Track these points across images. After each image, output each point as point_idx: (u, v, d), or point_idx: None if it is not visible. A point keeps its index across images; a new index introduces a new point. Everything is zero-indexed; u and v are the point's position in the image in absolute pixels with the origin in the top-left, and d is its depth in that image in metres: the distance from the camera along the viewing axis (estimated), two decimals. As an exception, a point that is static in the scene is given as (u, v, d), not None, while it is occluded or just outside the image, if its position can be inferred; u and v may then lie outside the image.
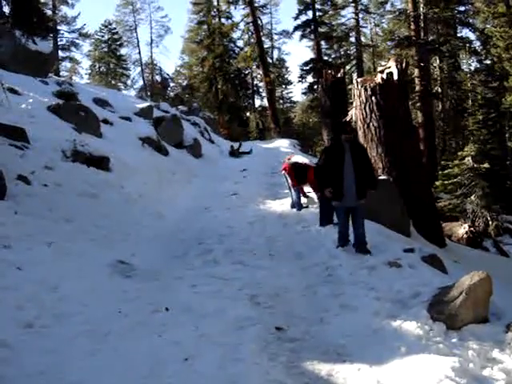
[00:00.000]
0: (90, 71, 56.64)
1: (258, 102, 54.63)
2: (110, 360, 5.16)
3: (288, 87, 57.12)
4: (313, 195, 13.39)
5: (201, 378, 4.69)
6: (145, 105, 25.54)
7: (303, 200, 13.38)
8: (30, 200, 9.70)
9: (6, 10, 13.79)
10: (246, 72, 52.07)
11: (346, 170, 8.69)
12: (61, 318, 6.08)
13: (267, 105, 45.61)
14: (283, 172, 13.34)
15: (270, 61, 50.18)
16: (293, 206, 13.20)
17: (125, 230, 10.13)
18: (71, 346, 5.49)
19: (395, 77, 13.77)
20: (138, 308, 6.61)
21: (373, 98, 13.62)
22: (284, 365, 5.15)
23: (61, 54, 46.12)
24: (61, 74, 42.35)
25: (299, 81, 47.93)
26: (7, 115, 13.72)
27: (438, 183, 21.69)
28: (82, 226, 9.72)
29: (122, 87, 54.69)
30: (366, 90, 13.77)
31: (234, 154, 27.20)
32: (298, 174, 12.95)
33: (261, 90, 52.41)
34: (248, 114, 53.28)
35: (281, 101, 55.68)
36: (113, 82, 53.82)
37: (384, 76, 13.79)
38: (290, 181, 13.23)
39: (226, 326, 5.97)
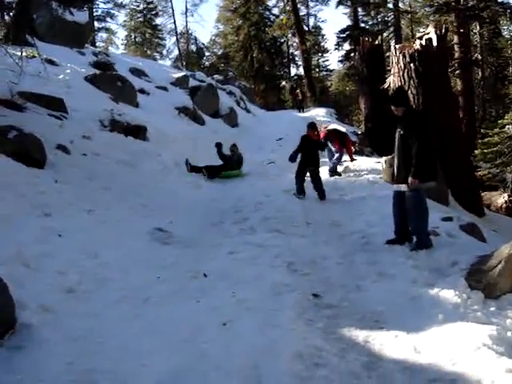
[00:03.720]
0: (125, 41, 56.77)
1: (293, 71, 54.18)
2: (150, 325, 5.24)
3: (324, 55, 56.29)
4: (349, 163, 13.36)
5: (239, 343, 4.72)
6: (180, 74, 25.52)
7: (339, 168, 13.34)
8: (70, 169, 9.83)
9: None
10: (282, 40, 51.57)
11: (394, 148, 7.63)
12: (101, 284, 6.21)
13: (303, 73, 45.14)
14: (322, 140, 13.24)
15: (306, 28, 49.35)
16: (331, 175, 13.15)
17: (162, 199, 10.21)
18: (112, 310, 5.59)
19: (434, 43, 13.49)
20: (176, 274, 6.67)
21: (411, 64, 13.39)
22: (321, 330, 5.15)
23: (96, 24, 46.18)
24: (97, 44, 42.64)
25: (336, 48, 47.49)
26: (46, 86, 13.86)
27: (477, 152, 21.20)
28: (120, 195, 9.83)
29: (158, 57, 54.67)
30: (404, 56, 13.53)
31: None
32: (339, 140, 12.99)
33: (297, 58, 52.03)
34: (284, 82, 52.86)
35: (317, 69, 54.97)
36: (148, 51, 53.80)
37: (423, 42, 13.53)
38: (332, 147, 13.21)
39: (263, 293, 5.98)
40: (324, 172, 13.00)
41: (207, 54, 58.19)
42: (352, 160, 14.12)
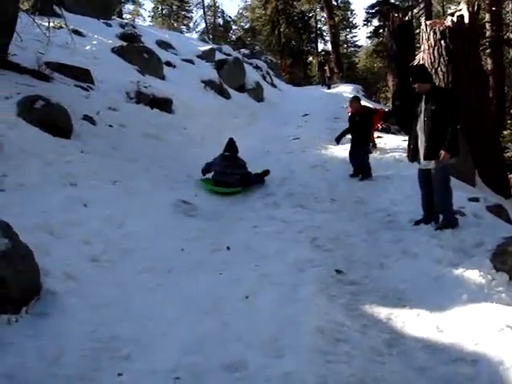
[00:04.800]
0: (152, 14, 56.68)
1: (320, 46, 53.67)
2: (173, 295, 5.29)
3: (352, 31, 55.72)
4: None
5: (261, 316, 4.74)
6: (207, 47, 25.37)
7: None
8: (96, 139, 9.87)
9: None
10: (310, 15, 51.04)
11: (420, 125, 7.38)
12: (125, 254, 6.27)
13: (330, 49, 44.69)
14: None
15: (335, 3, 48.68)
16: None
17: (187, 172, 10.23)
18: (135, 280, 5.66)
19: (466, 20, 13.23)
20: (199, 246, 6.71)
21: (442, 41, 13.16)
22: (343, 306, 5.16)
23: (123, -4, 46.14)
24: (124, 16, 42.49)
25: (364, 24, 46.81)
26: (73, 57, 13.89)
27: (506, 133, 20.85)
28: (145, 166, 9.86)
29: (185, 30, 54.48)
30: (435, 33, 13.30)
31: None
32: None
33: (324, 33, 51.47)
34: (311, 58, 52.43)
35: (345, 45, 54.43)
36: (175, 24, 53.62)
37: (454, 19, 13.28)
38: None
39: (286, 267, 6.00)
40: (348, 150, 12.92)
41: (234, 27, 57.94)
42: (374, 144, 13.50)
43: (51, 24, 12.93)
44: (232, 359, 3.98)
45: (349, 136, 11.53)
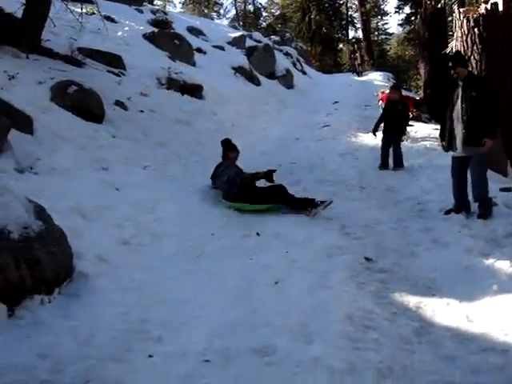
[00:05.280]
0: (183, 0, 56.61)
1: (351, 34, 53.12)
2: (203, 280, 5.34)
3: (384, 18, 55.06)
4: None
5: (290, 301, 4.77)
6: (237, 34, 25.34)
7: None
8: (127, 125, 9.95)
9: None
10: (341, 1, 50.46)
11: (456, 112, 7.26)
12: (156, 238, 6.33)
13: (361, 36, 44.27)
14: (380, 102, 12.98)
15: (366, -10, 48.23)
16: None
17: (217, 158, 10.26)
18: (166, 264, 5.72)
19: (500, 8, 12.98)
20: (229, 232, 6.75)
21: (475, 29, 12.91)
22: (372, 294, 5.16)
23: (155, -18, 46.13)
24: (155, 2, 42.53)
25: (396, 11, 46.43)
26: (104, 43, 13.99)
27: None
28: (175, 152, 9.93)
29: (215, 16, 54.41)
30: (468, 20, 13.06)
31: None
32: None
33: (355, 20, 50.81)
34: (341, 45, 51.98)
35: (376, 32, 53.80)
36: (205, 11, 53.53)
37: (488, 7, 13.02)
38: None
39: (315, 254, 6.02)
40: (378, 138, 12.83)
41: (264, 14, 57.57)
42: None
43: (84, 10, 12.99)
44: (261, 344, 4.01)
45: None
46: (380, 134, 11.21)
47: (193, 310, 4.62)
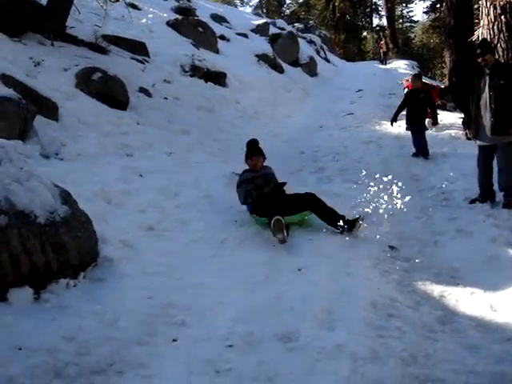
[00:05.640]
0: (206, -13, 56.50)
1: (376, 21, 52.69)
2: (227, 265, 5.35)
3: (408, 6, 54.49)
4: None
5: (313, 288, 4.76)
6: (261, 21, 25.29)
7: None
8: (151, 111, 10.01)
9: None
10: (366, -11, 50.12)
11: (483, 100, 7.16)
12: (180, 224, 6.35)
13: (386, 24, 43.88)
14: (405, 90, 12.85)
15: (391, -23, 47.72)
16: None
17: (240, 145, 10.25)
18: (190, 249, 5.74)
19: (528, -5, 12.77)
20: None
21: (502, 17, 12.70)
22: (396, 282, 5.15)
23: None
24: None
25: (421, -1, 45.62)
26: (129, 30, 14.08)
27: None
28: (199, 139, 9.97)
29: (238, 4, 54.32)
30: (495, 8, 12.85)
31: None
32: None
33: (380, 8, 50.47)
34: (365, 33, 51.61)
35: (400, 20, 53.33)
36: (229, -2, 53.48)
37: (515, -6, 12.83)
38: None
39: (338, 242, 6.00)
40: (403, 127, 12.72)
41: (288, 1, 57.35)
42: (435, 121, 13.12)
43: (108, -3, 13.06)
44: (285, 329, 4.01)
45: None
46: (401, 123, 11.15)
47: (217, 295, 4.63)
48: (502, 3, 12.66)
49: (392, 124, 11.13)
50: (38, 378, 3.30)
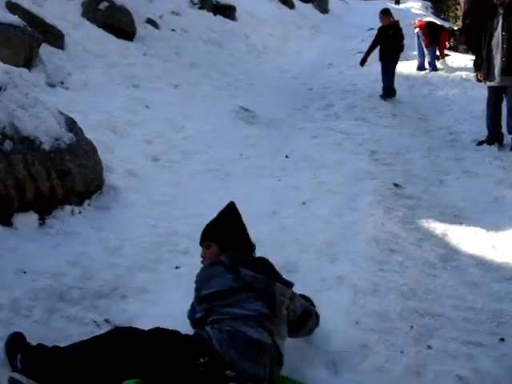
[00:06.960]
0: None
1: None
2: (231, 196, 5.26)
3: None
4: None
5: (317, 221, 4.79)
6: (273, -46, 24.57)
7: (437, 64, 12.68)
8: (158, 43, 9.88)
9: None
10: None
11: (495, 40, 7.00)
12: (185, 155, 6.36)
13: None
14: (416, 30, 12.56)
15: None
16: (419, 69, 12.57)
17: (248, 80, 10.18)
18: (194, 181, 5.76)
19: None
20: (258, 153, 6.74)
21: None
22: (399, 219, 5.14)
23: None
24: None
25: None
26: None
27: None
28: (207, 72, 9.85)
29: None
30: None
31: None
32: (432, 34, 12.21)
33: None
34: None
35: (416, -42, 51.68)
36: None
37: None
38: (422, 40, 12.50)
39: (344, 177, 5.98)
40: (413, 67, 12.52)
41: None
42: (443, 56, 13.11)
43: None
44: (287, 260, 4.04)
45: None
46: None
47: (220, 226, 4.65)
48: None
49: (362, 65, 10.73)
50: (42, 300, 3.34)
